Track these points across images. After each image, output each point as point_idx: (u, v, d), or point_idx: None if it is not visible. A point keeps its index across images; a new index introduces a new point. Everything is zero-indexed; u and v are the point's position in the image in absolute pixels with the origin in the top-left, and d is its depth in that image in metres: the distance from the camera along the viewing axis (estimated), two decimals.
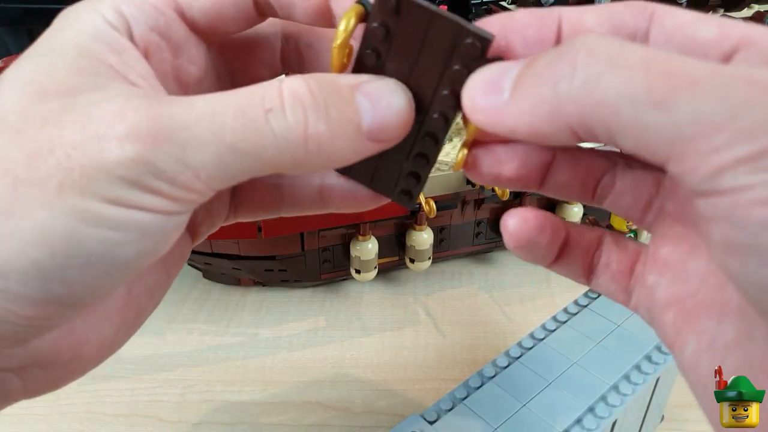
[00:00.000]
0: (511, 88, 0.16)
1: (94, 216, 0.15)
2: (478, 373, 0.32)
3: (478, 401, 0.30)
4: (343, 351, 0.47)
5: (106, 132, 0.15)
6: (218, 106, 0.16)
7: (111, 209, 0.15)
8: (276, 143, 0.16)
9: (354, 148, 0.17)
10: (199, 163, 0.15)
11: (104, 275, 0.16)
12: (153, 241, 0.16)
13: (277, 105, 0.16)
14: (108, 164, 0.15)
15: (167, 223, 0.16)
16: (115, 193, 0.15)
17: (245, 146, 0.16)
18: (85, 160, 0.15)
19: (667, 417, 0.40)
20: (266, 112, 0.16)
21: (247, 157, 0.16)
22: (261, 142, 0.16)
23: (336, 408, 0.42)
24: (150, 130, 0.15)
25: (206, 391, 0.44)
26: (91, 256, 0.15)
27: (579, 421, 0.29)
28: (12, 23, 0.69)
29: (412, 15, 0.17)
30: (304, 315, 0.51)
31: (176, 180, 0.15)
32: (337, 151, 0.17)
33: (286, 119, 0.16)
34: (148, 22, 0.18)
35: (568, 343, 0.34)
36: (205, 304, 0.52)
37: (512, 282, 0.54)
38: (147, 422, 0.41)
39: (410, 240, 0.48)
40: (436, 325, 0.49)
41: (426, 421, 0.29)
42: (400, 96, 0.18)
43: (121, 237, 0.15)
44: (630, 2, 0.17)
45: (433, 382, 0.44)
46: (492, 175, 0.19)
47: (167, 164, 0.15)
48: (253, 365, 0.46)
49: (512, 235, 0.19)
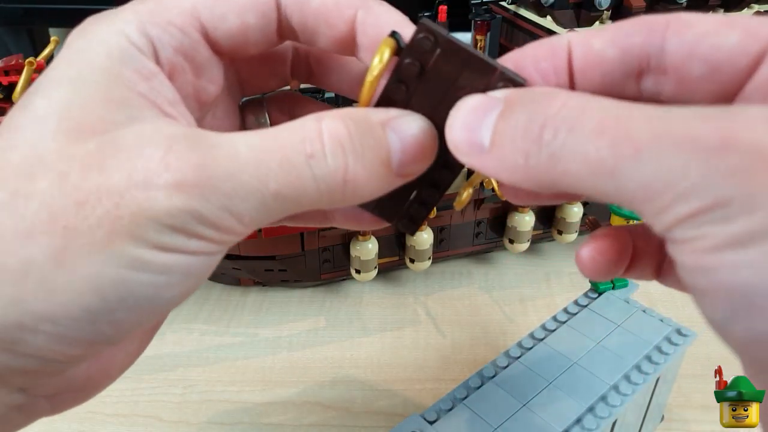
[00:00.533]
0: (489, 141, 0.16)
1: (142, 262, 0.15)
2: (478, 373, 0.32)
3: (478, 401, 0.30)
4: (343, 351, 0.47)
5: (152, 180, 0.15)
6: (262, 154, 0.16)
7: (158, 255, 0.15)
8: (317, 188, 0.16)
9: (383, 186, 0.18)
10: (244, 210, 0.16)
11: (150, 314, 0.16)
12: (195, 280, 0.17)
13: (318, 150, 0.16)
14: (156, 214, 0.15)
15: (209, 262, 0.17)
16: (162, 240, 0.15)
17: (288, 192, 0.16)
18: (134, 209, 0.15)
19: (667, 417, 0.40)
20: (308, 158, 0.16)
21: (288, 203, 0.16)
22: (303, 188, 0.16)
23: (336, 408, 0.42)
24: (196, 181, 0.15)
25: (206, 391, 0.44)
26: (140, 299, 0.15)
27: (579, 421, 0.29)
28: (12, 23, 0.69)
29: (450, 54, 0.17)
30: (304, 315, 0.51)
31: (221, 226, 0.16)
32: (370, 190, 0.17)
33: (327, 165, 0.16)
34: (173, 44, 0.18)
35: (568, 343, 0.34)
36: (205, 304, 0.52)
37: (512, 282, 0.54)
38: (147, 422, 0.41)
39: (410, 240, 0.48)
40: (436, 325, 0.49)
41: (426, 421, 0.29)
42: (427, 133, 0.18)
43: (167, 280, 0.16)
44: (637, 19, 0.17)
45: (433, 382, 0.44)
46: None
47: (213, 213, 0.15)
48: (253, 365, 0.46)
49: (591, 271, 0.19)
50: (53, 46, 0.48)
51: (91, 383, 0.19)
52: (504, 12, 0.52)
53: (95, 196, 0.15)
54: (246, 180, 0.15)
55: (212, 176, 0.15)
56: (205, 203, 0.15)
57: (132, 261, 0.15)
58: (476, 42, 0.55)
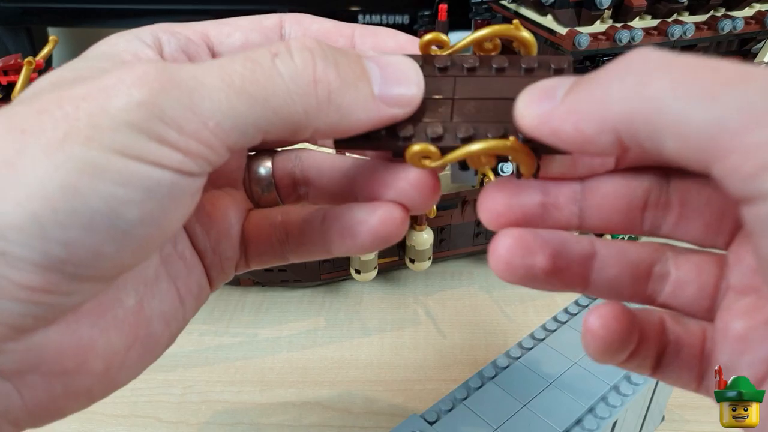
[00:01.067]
0: (564, 94, 0.16)
1: (98, 168, 0.14)
2: (478, 373, 0.32)
3: (478, 402, 0.30)
4: (343, 351, 0.47)
5: (115, 83, 0.15)
6: (226, 59, 0.16)
7: (116, 160, 0.14)
8: (285, 87, 0.16)
9: (367, 106, 0.17)
10: (208, 110, 0.15)
11: (107, 241, 0.15)
12: (159, 204, 0.15)
13: (284, 51, 0.16)
14: (114, 109, 0.14)
15: (175, 184, 0.15)
16: (121, 142, 0.14)
17: (254, 89, 0.15)
18: (92, 109, 0.14)
19: (668, 417, 0.40)
20: (273, 56, 0.16)
21: (256, 104, 0.15)
22: (270, 85, 0.16)
23: (336, 408, 0.42)
24: (158, 77, 0.15)
25: (206, 391, 0.44)
26: (94, 214, 0.14)
27: (579, 421, 0.29)
28: (11, 22, 0.69)
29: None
30: (304, 315, 0.51)
31: (184, 128, 0.15)
32: (349, 103, 0.16)
33: (294, 62, 0.16)
34: (179, 45, 0.19)
35: (569, 344, 0.34)
36: (204, 304, 0.51)
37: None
38: (146, 423, 0.41)
39: (410, 240, 0.48)
40: (436, 325, 0.49)
41: (426, 421, 0.29)
42: (409, 64, 0.18)
43: (126, 194, 0.15)
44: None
45: (433, 383, 0.44)
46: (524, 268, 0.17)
47: (175, 110, 0.15)
48: (253, 365, 0.46)
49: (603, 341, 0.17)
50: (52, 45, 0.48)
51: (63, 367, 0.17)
52: (504, 11, 0.52)
53: (56, 103, 0.15)
54: (209, 79, 0.15)
55: (174, 75, 0.15)
56: (166, 98, 0.15)
57: (86, 164, 0.14)
58: None
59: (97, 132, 0.14)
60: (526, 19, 0.49)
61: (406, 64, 0.18)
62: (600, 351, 0.17)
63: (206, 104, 0.15)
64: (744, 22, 0.49)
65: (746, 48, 0.53)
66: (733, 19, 0.48)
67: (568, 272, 0.18)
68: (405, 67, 0.18)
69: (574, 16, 0.45)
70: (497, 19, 0.52)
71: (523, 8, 0.50)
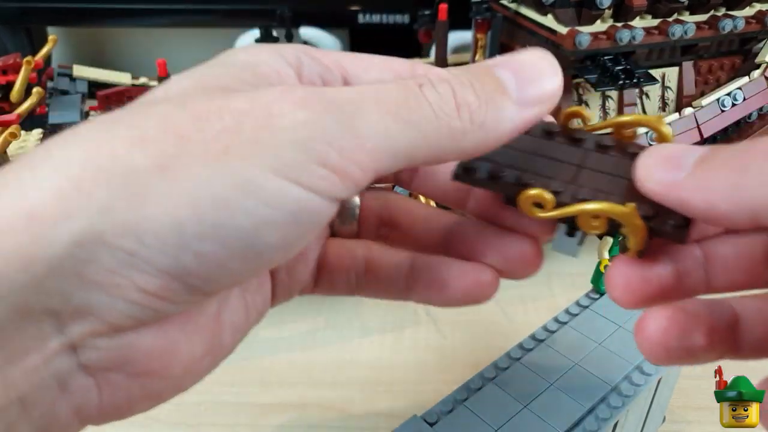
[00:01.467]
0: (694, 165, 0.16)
1: (253, 185, 0.14)
2: (479, 374, 0.32)
3: (478, 403, 0.30)
4: (343, 351, 0.47)
5: (277, 101, 0.15)
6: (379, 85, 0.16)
7: (273, 180, 0.14)
8: (433, 113, 0.16)
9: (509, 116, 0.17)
10: (366, 132, 0.15)
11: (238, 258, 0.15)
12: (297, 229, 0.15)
13: (427, 81, 0.17)
14: (279, 128, 0.14)
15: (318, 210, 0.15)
16: (282, 161, 0.14)
17: (408, 115, 0.16)
18: (255, 125, 0.14)
19: (669, 418, 0.40)
20: (419, 86, 0.17)
21: (409, 128, 0.16)
22: (420, 110, 0.16)
23: (336, 408, 0.42)
24: (320, 100, 0.15)
25: (205, 391, 0.43)
26: (237, 231, 0.14)
27: (580, 422, 0.29)
28: (10, 22, 0.69)
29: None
30: (304, 315, 0.50)
31: (344, 149, 0.15)
32: (492, 118, 0.17)
33: (437, 91, 0.17)
34: (318, 71, 0.18)
35: (570, 344, 0.33)
36: None
37: (513, 282, 0.53)
38: (145, 423, 0.41)
39: None
40: (436, 325, 0.49)
41: (426, 422, 0.29)
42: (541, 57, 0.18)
43: (272, 215, 0.14)
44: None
45: (434, 384, 0.44)
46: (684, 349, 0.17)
47: (337, 131, 0.15)
48: (253, 365, 0.46)
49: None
50: (51, 45, 0.48)
51: (147, 369, 0.17)
52: (504, 10, 0.52)
53: (216, 114, 0.14)
54: (366, 104, 0.15)
55: (335, 98, 0.15)
56: (329, 119, 0.15)
57: (242, 181, 0.14)
58: (477, 41, 0.54)
59: (259, 149, 0.14)
60: (527, 19, 0.49)
61: (539, 58, 0.18)
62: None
63: (365, 127, 0.15)
64: (745, 22, 0.48)
65: (747, 48, 0.53)
66: (733, 19, 0.48)
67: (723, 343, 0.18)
68: (538, 62, 0.18)
69: (574, 16, 0.45)
70: (498, 19, 0.52)
71: (524, 7, 0.50)
